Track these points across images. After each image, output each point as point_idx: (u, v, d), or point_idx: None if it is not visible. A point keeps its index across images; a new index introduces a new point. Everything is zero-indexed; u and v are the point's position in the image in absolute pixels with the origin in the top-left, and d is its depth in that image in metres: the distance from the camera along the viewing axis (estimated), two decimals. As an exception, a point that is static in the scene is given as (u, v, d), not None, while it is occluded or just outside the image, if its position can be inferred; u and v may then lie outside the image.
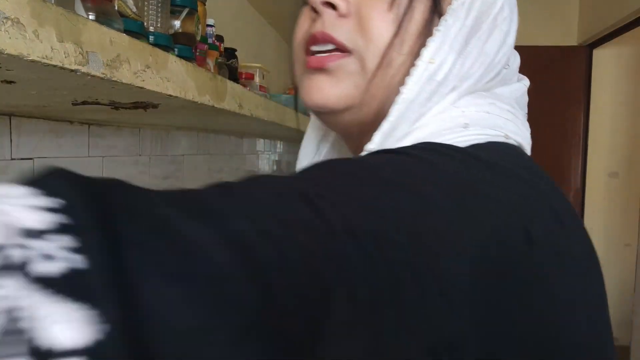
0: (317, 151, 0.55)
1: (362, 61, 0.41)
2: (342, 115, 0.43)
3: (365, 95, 0.41)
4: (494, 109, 0.40)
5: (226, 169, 1.79)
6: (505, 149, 0.38)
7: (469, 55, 0.40)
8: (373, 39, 0.40)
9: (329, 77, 0.42)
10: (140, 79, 0.50)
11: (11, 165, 0.79)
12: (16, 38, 0.33)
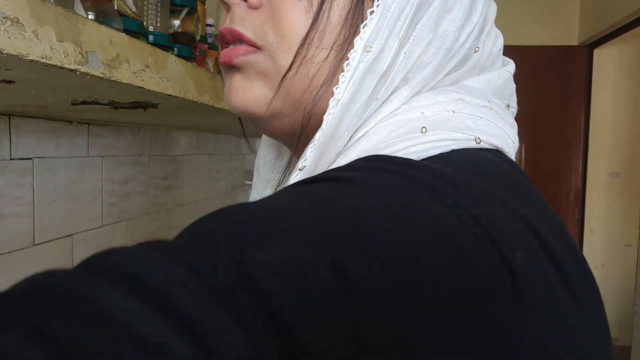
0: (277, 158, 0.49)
1: (273, 58, 0.34)
2: (269, 122, 0.37)
3: (285, 99, 0.35)
4: (462, 107, 0.33)
5: (226, 169, 1.79)
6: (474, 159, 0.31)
7: (418, 39, 0.33)
8: (285, 32, 0.34)
9: (241, 76, 0.36)
10: (140, 79, 0.50)
11: (10, 165, 0.79)
12: (15, 38, 0.33)
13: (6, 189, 0.78)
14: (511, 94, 0.40)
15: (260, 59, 0.35)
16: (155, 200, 1.26)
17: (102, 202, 1.03)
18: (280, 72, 0.34)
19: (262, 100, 0.35)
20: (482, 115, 0.33)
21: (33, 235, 0.84)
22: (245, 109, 0.36)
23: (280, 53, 0.34)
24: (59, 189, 0.90)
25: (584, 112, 3.20)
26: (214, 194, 1.67)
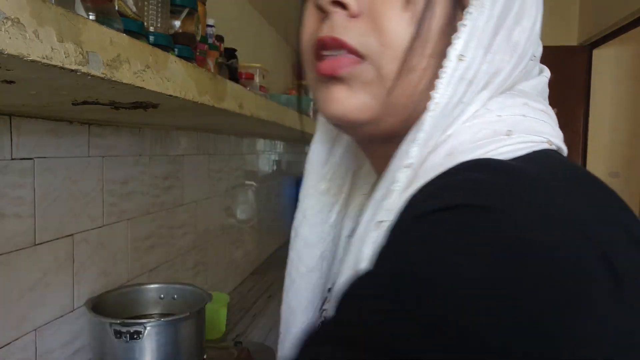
0: (329, 153, 0.51)
1: (378, 68, 0.36)
2: (363, 127, 0.39)
3: (388, 106, 0.37)
4: (528, 111, 0.37)
5: (226, 169, 1.79)
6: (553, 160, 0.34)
7: (498, 49, 0.36)
8: (389, 42, 0.35)
9: (344, 87, 0.37)
10: (140, 79, 0.50)
11: (11, 165, 0.79)
12: (16, 38, 0.33)
13: (7, 189, 0.78)
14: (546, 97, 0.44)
15: (365, 69, 0.36)
16: (156, 200, 1.26)
17: (103, 202, 1.03)
18: (384, 81, 0.36)
19: (364, 108, 0.37)
20: (544, 119, 0.37)
21: (34, 235, 0.84)
22: (345, 117, 0.38)
23: (385, 62, 0.36)
24: (59, 189, 0.90)
25: (583, 112, 3.20)
26: (214, 194, 1.67)
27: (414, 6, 0.35)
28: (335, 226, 0.52)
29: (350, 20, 0.36)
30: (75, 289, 0.96)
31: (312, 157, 0.51)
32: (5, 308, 0.79)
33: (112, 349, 0.86)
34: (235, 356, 1.10)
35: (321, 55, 0.37)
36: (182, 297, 1.06)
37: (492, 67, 0.36)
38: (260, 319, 1.56)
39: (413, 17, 0.35)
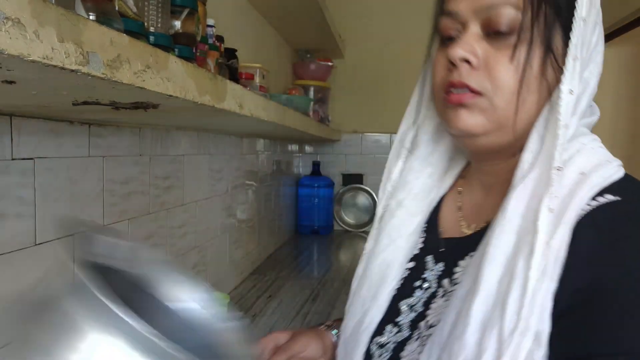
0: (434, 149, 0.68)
1: (491, 101, 0.53)
2: (478, 139, 0.56)
3: (496, 126, 0.54)
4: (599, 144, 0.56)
5: (226, 169, 1.79)
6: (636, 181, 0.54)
7: (586, 86, 0.53)
8: (500, 85, 0.53)
9: (467, 111, 0.54)
10: (141, 79, 0.50)
11: (12, 165, 0.79)
12: (16, 38, 0.33)
13: (7, 189, 0.78)
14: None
15: (482, 101, 0.54)
16: (156, 200, 1.26)
17: (103, 202, 1.03)
18: (495, 110, 0.53)
19: (479, 125, 0.55)
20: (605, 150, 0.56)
21: (34, 235, 0.84)
22: (467, 130, 0.55)
23: (496, 98, 0.53)
24: (60, 189, 0.90)
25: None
26: (214, 194, 1.67)
27: (517, 60, 0.52)
28: (430, 203, 0.68)
29: (472, 71, 0.53)
30: (76, 288, 0.96)
31: (421, 149, 0.68)
32: (5, 307, 0.79)
33: (113, 348, 0.86)
34: (236, 356, 1.10)
35: (450, 92, 0.55)
36: (182, 297, 1.06)
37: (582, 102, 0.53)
38: (260, 318, 1.56)
39: (517, 67, 0.52)
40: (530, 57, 0.51)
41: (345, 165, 3.31)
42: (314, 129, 1.99)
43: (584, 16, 0.51)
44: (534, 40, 0.51)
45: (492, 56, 0.53)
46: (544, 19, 0.51)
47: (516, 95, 0.52)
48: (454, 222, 0.64)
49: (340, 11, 3.20)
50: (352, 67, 3.27)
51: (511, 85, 0.52)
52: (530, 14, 0.51)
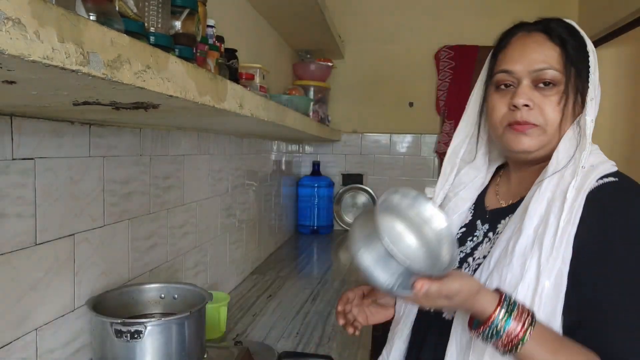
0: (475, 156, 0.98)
1: (544, 130, 0.81)
2: (530, 154, 0.84)
3: (544, 146, 0.82)
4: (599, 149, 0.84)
5: (227, 169, 1.79)
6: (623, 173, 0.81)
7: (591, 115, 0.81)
8: (549, 120, 0.81)
9: (527, 137, 0.82)
10: (141, 80, 0.51)
11: (12, 165, 0.79)
12: (17, 38, 0.33)
13: (8, 189, 0.78)
14: None
15: (537, 130, 0.82)
16: (157, 200, 1.26)
17: (104, 201, 1.04)
18: (546, 135, 0.81)
19: (534, 146, 0.82)
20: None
21: (35, 235, 0.84)
22: (526, 150, 0.83)
23: (547, 127, 0.81)
24: (60, 189, 0.90)
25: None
26: (215, 194, 1.67)
27: (561, 104, 0.80)
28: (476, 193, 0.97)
29: (530, 111, 0.81)
30: (76, 288, 0.96)
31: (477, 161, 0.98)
32: (6, 307, 0.79)
33: (113, 348, 0.86)
34: (235, 356, 1.10)
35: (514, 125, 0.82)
36: (182, 296, 1.06)
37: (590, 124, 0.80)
38: (260, 318, 1.56)
39: (560, 109, 0.80)
40: (566, 102, 0.80)
41: (345, 165, 3.31)
42: (314, 129, 2.00)
43: (593, 71, 0.81)
44: (570, 89, 0.80)
45: (542, 101, 0.80)
46: (574, 77, 0.80)
47: (559, 125, 0.81)
48: (495, 201, 0.94)
49: (340, 11, 3.20)
50: (352, 68, 3.27)
51: (556, 119, 0.80)
52: (565, 74, 0.80)
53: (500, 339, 0.68)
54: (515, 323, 0.68)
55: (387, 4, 3.27)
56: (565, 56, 0.80)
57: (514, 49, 0.84)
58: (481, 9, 3.26)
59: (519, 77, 0.82)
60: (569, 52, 0.81)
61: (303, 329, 1.48)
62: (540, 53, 0.81)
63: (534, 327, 0.68)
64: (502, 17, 3.63)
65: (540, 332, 0.69)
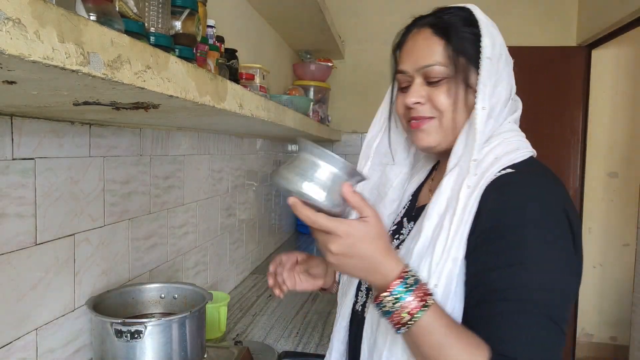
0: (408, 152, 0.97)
1: (439, 122, 0.81)
2: (433, 148, 0.84)
3: (445, 137, 0.82)
4: (518, 136, 0.81)
5: (227, 169, 1.79)
6: (536, 163, 0.79)
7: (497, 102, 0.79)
8: (443, 112, 0.80)
9: (424, 133, 0.83)
10: (141, 80, 0.51)
11: (12, 165, 0.79)
12: (17, 38, 0.33)
13: (8, 189, 0.78)
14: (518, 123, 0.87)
15: (433, 123, 0.82)
16: (157, 200, 1.27)
17: (104, 201, 1.04)
18: (443, 127, 0.81)
19: (432, 142, 0.83)
20: (524, 140, 0.81)
21: (35, 235, 0.84)
22: (426, 147, 0.84)
23: (442, 119, 0.81)
24: (60, 189, 0.90)
25: (582, 112, 3.20)
26: (215, 194, 1.67)
27: (452, 96, 0.79)
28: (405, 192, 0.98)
29: (421, 106, 0.82)
30: (76, 288, 0.96)
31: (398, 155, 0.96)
32: (6, 307, 0.79)
33: (113, 348, 0.86)
34: (235, 355, 1.10)
35: (410, 120, 0.84)
36: (182, 296, 1.07)
37: (495, 111, 0.79)
38: (260, 318, 1.56)
39: (451, 100, 0.79)
40: (456, 92, 0.79)
41: (345, 165, 3.30)
42: (314, 129, 2.00)
43: (489, 55, 0.77)
44: (458, 81, 0.79)
45: (433, 94, 0.81)
46: (462, 68, 0.79)
47: (453, 117, 0.80)
48: (427, 197, 0.92)
49: (340, 12, 3.20)
50: (352, 68, 3.27)
51: (449, 111, 0.80)
52: (452, 67, 0.79)
53: (396, 311, 0.67)
54: (414, 299, 0.66)
55: (387, 4, 3.27)
56: (451, 48, 0.78)
57: (406, 48, 0.84)
58: (481, 9, 3.26)
59: (412, 76, 0.82)
60: (454, 43, 0.78)
61: (303, 329, 1.48)
62: (426, 49, 0.80)
63: (430, 308, 0.66)
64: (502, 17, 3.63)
65: (437, 313, 0.67)
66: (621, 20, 2.61)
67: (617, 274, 3.26)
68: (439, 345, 0.67)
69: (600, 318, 3.32)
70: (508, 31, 3.37)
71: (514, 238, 0.69)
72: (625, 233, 3.22)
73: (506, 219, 0.70)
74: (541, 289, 0.67)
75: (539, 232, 0.69)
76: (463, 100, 0.78)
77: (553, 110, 3.19)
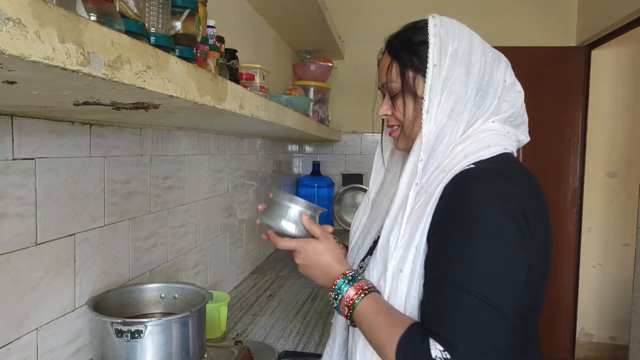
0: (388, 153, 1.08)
1: (404, 128, 0.92)
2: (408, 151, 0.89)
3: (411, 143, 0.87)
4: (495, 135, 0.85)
5: (227, 169, 1.79)
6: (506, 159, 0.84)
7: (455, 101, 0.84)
8: (404, 119, 0.90)
9: (395, 139, 0.96)
10: (142, 80, 0.51)
11: (13, 165, 0.79)
12: (17, 38, 0.33)
13: (8, 189, 0.78)
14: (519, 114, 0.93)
15: (399, 129, 0.94)
16: (157, 200, 1.27)
17: (104, 201, 1.04)
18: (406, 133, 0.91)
19: (401, 146, 0.95)
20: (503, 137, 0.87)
21: (35, 235, 0.84)
22: (404, 150, 0.95)
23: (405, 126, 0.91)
24: (61, 189, 0.90)
25: (581, 112, 3.20)
26: (215, 194, 1.67)
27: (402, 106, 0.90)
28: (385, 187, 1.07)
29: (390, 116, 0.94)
30: (77, 288, 0.96)
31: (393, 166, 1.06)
32: (6, 307, 0.79)
33: (113, 348, 0.86)
34: (235, 355, 1.10)
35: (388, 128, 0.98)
36: (182, 296, 1.07)
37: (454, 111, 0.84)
38: (260, 318, 1.56)
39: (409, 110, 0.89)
40: (408, 103, 0.89)
41: (345, 165, 3.31)
42: (314, 129, 2.00)
43: (435, 62, 0.83)
44: (408, 93, 0.89)
45: (395, 106, 0.92)
46: (411, 81, 0.88)
47: (412, 123, 0.89)
48: None
49: (340, 12, 3.20)
50: (352, 68, 3.27)
51: (409, 118, 0.90)
52: (401, 82, 0.89)
53: (341, 304, 0.84)
54: (353, 290, 0.83)
55: (387, 4, 3.27)
56: (400, 65, 0.89)
57: (379, 68, 0.98)
58: (481, 9, 3.26)
59: (383, 92, 0.95)
60: (403, 61, 0.89)
61: (303, 328, 1.49)
62: (384, 69, 0.93)
63: (367, 296, 0.81)
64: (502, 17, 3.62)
65: (372, 300, 0.81)
66: (621, 20, 2.61)
67: (616, 273, 3.26)
68: (370, 327, 0.79)
69: (600, 318, 3.32)
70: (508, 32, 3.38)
71: (455, 227, 0.75)
72: (625, 233, 3.22)
73: (453, 210, 0.77)
74: (477, 276, 0.72)
75: (482, 222, 0.74)
76: (414, 109, 0.88)
77: (553, 110, 3.19)
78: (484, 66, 0.85)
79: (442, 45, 0.84)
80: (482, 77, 0.85)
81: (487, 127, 0.85)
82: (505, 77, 0.87)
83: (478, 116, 0.85)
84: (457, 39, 0.85)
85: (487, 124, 0.86)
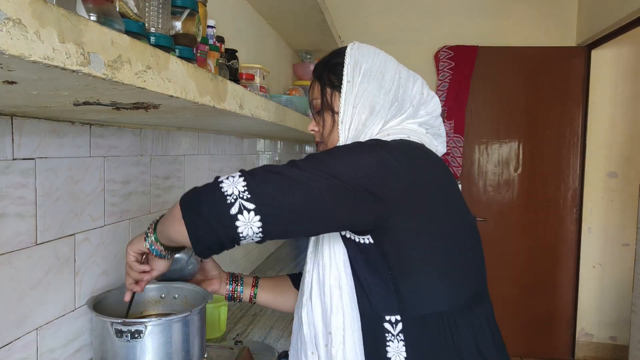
0: None
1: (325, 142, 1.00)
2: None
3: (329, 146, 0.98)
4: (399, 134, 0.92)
5: (227, 169, 1.79)
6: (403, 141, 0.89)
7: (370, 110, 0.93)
8: (324, 134, 1.00)
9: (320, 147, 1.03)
10: (142, 80, 0.51)
11: (13, 165, 0.79)
12: (17, 39, 0.33)
13: (9, 189, 0.78)
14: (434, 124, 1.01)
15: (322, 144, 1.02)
16: (157, 200, 1.27)
17: (104, 201, 1.04)
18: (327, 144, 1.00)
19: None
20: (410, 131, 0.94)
21: (35, 235, 0.84)
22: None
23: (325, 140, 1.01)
24: (61, 189, 0.90)
25: (581, 112, 3.20)
26: (214, 194, 1.67)
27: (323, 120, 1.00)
28: None
29: (317, 132, 1.03)
30: (77, 288, 0.96)
31: None
32: (6, 307, 0.79)
33: (113, 348, 0.86)
34: (235, 355, 1.10)
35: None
36: (182, 296, 1.07)
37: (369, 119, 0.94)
38: (260, 318, 1.56)
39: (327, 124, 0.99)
40: (327, 117, 0.99)
41: (345, 165, 3.30)
42: (314, 129, 1.99)
43: (349, 79, 0.94)
44: (327, 109, 0.98)
45: (321, 121, 1.00)
46: (329, 98, 0.98)
47: (329, 136, 0.98)
48: None
49: (340, 12, 3.20)
50: (352, 68, 3.26)
51: (327, 131, 0.99)
52: (321, 98, 0.99)
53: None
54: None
55: (387, 4, 3.27)
56: (320, 84, 0.99)
57: None
58: (481, 9, 3.26)
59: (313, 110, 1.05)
60: (323, 80, 0.99)
61: (303, 328, 1.48)
62: (310, 89, 1.04)
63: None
64: (502, 17, 3.62)
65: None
66: (621, 20, 2.62)
67: (616, 273, 3.26)
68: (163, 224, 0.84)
69: (600, 318, 3.32)
70: (508, 32, 3.38)
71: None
72: (625, 233, 3.22)
73: None
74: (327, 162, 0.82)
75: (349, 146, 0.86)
76: (333, 121, 0.98)
77: (553, 110, 3.19)
78: (397, 81, 0.94)
79: (356, 65, 0.95)
80: (396, 90, 0.94)
81: (403, 126, 0.94)
82: (422, 91, 0.97)
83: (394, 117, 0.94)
84: (371, 60, 0.96)
85: (404, 124, 0.94)
